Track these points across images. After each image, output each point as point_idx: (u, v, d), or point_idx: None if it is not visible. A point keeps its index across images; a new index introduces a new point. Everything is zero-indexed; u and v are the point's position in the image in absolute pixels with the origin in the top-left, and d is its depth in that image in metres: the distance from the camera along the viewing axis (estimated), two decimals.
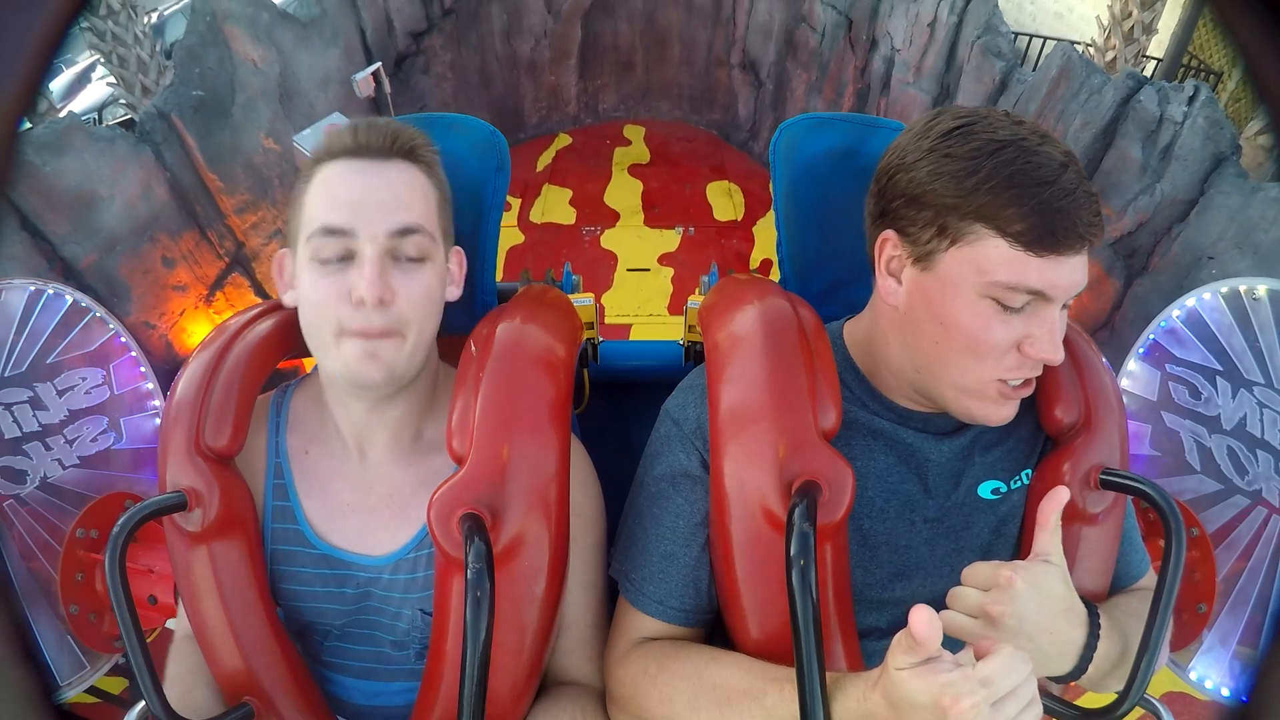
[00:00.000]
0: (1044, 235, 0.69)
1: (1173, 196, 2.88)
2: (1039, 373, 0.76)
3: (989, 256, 0.71)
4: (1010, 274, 0.70)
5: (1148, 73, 4.15)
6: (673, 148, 5.63)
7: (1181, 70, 4.21)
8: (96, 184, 2.91)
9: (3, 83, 0.29)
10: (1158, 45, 3.98)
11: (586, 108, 5.67)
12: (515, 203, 5.09)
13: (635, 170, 5.41)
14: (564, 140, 5.65)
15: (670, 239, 4.90)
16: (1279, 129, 0.33)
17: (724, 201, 5.18)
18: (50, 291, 1.87)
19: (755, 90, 5.28)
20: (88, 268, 2.95)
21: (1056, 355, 0.73)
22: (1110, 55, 3.62)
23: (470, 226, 1.04)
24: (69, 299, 1.89)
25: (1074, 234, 0.70)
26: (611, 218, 5.05)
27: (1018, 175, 0.70)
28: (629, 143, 5.68)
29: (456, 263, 0.87)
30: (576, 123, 5.70)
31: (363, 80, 3.38)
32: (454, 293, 0.87)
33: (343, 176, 0.79)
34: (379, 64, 3.43)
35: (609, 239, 4.89)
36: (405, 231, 0.78)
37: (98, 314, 1.94)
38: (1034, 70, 3.52)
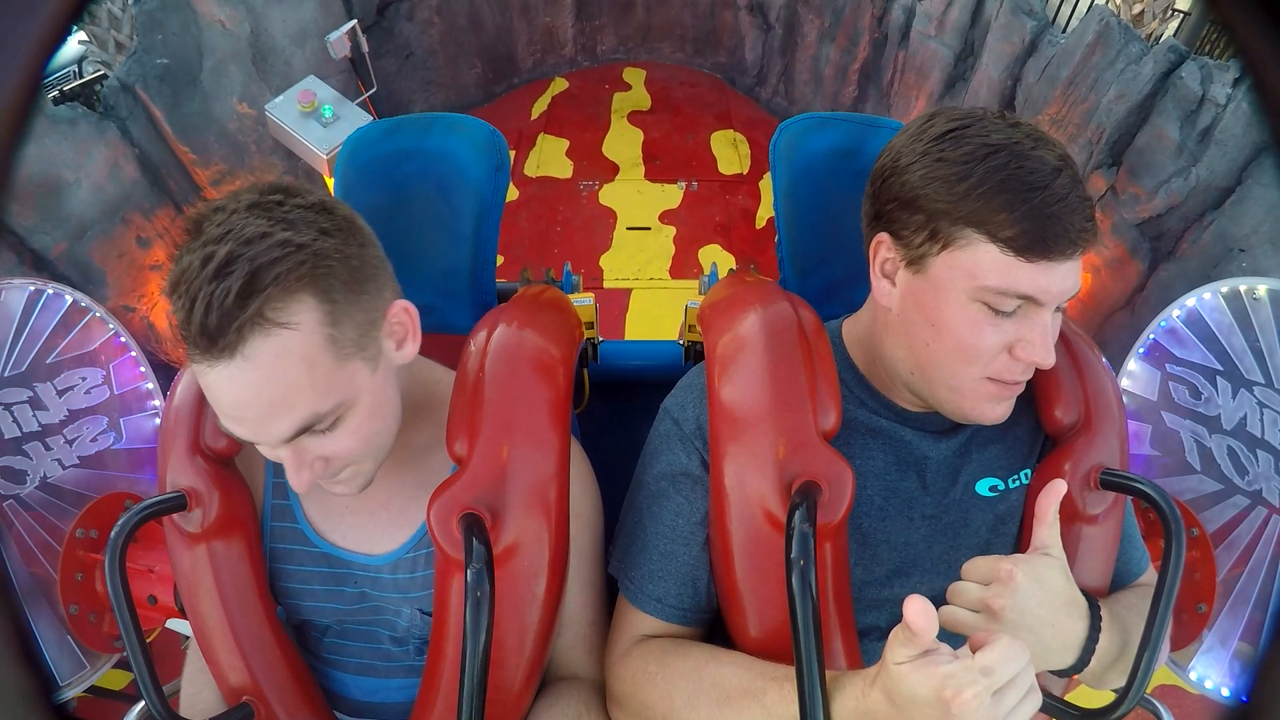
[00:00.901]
0: (1034, 241, 0.69)
1: (1209, 182, 2.73)
2: (1029, 375, 0.76)
3: (979, 262, 0.71)
4: (1000, 279, 0.70)
5: (1173, 29, 3.89)
6: (675, 93, 5.36)
7: (1208, 26, 3.94)
8: (61, 168, 2.77)
9: (3, 83, 0.29)
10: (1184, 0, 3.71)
11: (584, 50, 5.36)
12: (510, 154, 4.86)
13: (635, 118, 5.17)
14: (560, 85, 5.38)
15: (672, 194, 4.72)
16: (1279, 128, 0.32)
17: (729, 153, 4.96)
18: (50, 291, 1.85)
19: (763, 33, 4.98)
20: (59, 256, 2.85)
21: (1047, 359, 0.73)
22: (1138, 8, 3.36)
23: (470, 226, 1.04)
24: (69, 299, 1.88)
25: (1065, 240, 0.69)
26: (610, 170, 4.85)
27: (1009, 180, 0.69)
28: (629, 87, 5.40)
29: (406, 320, 0.77)
30: (573, 66, 5.41)
31: (337, 40, 3.15)
32: (410, 350, 0.78)
33: (208, 381, 0.67)
34: (354, 22, 3.18)
35: (607, 194, 4.72)
36: (298, 433, 0.69)
37: (97, 314, 1.93)
38: (1054, 21, 3.27)
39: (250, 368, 0.64)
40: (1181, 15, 3.92)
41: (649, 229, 4.54)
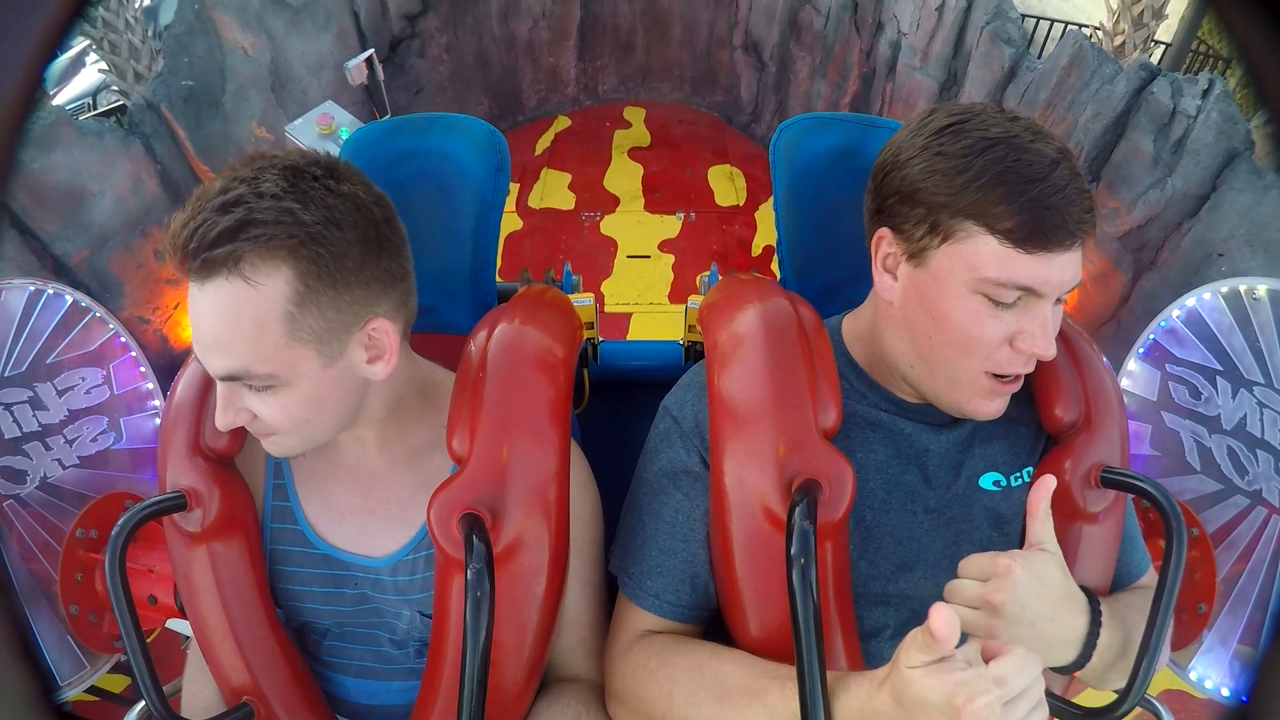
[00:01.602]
0: (1033, 233, 0.70)
1: (1184, 191, 2.83)
2: (1031, 368, 0.77)
3: (979, 253, 0.71)
4: (1000, 271, 0.71)
5: (1156, 58, 4.06)
6: (673, 130, 5.54)
7: (1190, 56, 4.12)
8: (86, 179, 2.85)
9: (3, 83, 0.29)
10: (1166, 30, 3.89)
11: (586, 89, 5.57)
12: (514, 187, 5.02)
13: (635, 154, 5.33)
14: (563, 123, 5.56)
15: (671, 225, 4.84)
16: (1279, 128, 0.32)
17: (726, 186, 5.11)
18: (50, 291, 1.86)
19: (758, 72, 5.18)
20: (79, 264, 2.91)
21: (1049, 350, 0.73)
22: (1119, 40, 3.53)
23: (470, 226, 1.04)
24: (69, 299, 1.89)
25: (1064, 231, 0.70)
26: (611, 203, 4.98)
27: (1008, 173, 0.70)
28: (629, 125, 5.58)
29: (384, 340, 0.76)
30: (576, 105, 5.60)
31: (355, 68, 3.30)
32: (380, 370, 0.77)
33: (188, 292, 0.71)
34: (371, 51, 3.35)
35: (608, 225, 4.83)
36: (230, 377, 0.71)
37: (98, 314, 1.94)
38: (1040, 56, 3.44)
39: (209, 302, 0.68)
40: (1164, 46, 4.09)
41: (649, 257, 4.63)
